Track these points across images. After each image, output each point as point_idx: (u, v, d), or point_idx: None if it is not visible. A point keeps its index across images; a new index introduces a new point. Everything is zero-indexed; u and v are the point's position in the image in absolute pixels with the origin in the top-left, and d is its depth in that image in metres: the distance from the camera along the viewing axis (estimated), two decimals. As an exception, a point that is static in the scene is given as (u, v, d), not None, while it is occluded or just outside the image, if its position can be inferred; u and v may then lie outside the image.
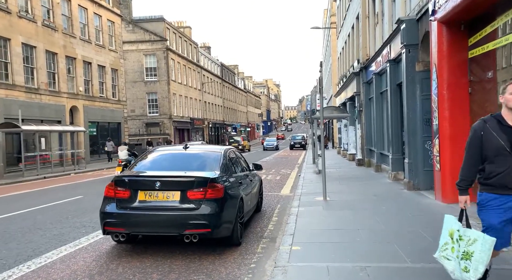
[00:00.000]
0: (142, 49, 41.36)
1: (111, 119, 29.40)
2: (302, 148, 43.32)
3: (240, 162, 6.99)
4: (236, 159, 6.77)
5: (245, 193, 6.23)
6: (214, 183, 5.03)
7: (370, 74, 15.82)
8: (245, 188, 6.29)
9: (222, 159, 5.76)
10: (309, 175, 14.65)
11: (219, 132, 60.19)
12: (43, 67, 21.78)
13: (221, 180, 5.23)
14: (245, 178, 6.59)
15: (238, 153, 7.26)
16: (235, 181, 5.83)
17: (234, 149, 7.07)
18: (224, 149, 6.27)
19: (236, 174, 6.14)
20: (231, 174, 5.86)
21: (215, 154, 5.90)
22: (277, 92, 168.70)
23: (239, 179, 6.10)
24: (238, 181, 5.96)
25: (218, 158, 5.75)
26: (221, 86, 64.34)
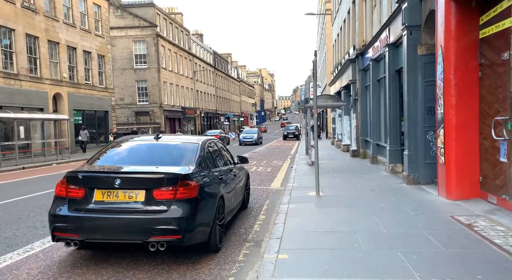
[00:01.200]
0: (131, 35, 40.04)
1: (98, 108, 28.34)
2: (296, 138, 42.62)
3: (223, 154, 6.19)
4: (218, 151, 5.98)
5: (227, 190, 5.46)
6: (187, 180, 4.23)
7: (367, 61, 15.02)
8: (227, 184, 5.51)
9: (199, 151, 4.95)
10: (302, 167, 13.92)
11: (211, 122, 59.22)
12: (23, 52, 20.64)
13: (195, 176, 4.43)
14: (227, 173, 5.80)
15: (221, 144, 6.46)
16: (215, 177, 5.04)
17: (216, 140, 6.26)
18: (203, 139, 5.46)
19: (216, 169, 5.35)
20: (210, 168, 5.06)
21: (191, 146, 5.08)
22: (271, 82, 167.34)
23: (220, 174, 5.31)
24: (218, 177, 5.17)
25: (194, 150, 4.93)
26: (214, 75, 63.12)
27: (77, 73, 25.83)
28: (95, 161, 4.78)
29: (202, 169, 4.79)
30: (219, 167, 5.56)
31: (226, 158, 6.35)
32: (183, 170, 4.39)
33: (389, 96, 11.11)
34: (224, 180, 5.39)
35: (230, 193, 5.66)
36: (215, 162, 5.47)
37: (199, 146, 5.07)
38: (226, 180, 5.53)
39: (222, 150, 6.32)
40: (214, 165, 5.37)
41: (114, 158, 4.90)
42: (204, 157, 5.03)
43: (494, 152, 6.39)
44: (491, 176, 6.52)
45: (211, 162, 5.28)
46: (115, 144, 5.26)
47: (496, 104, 6.36)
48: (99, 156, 4.91)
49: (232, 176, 5.96)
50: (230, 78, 75.64)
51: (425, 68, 8.73)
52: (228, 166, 6.10)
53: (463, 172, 6.90)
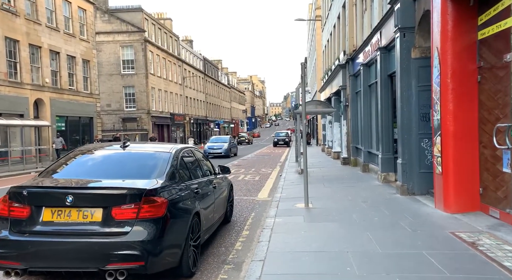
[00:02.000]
0: (119, 40, 39.33)
1: (82, 114, 27.49)
2: (286, 145, 42.20)
3: (201, 164, 5.61)
4: (195, 161, 5.40)
5: (205, 205, 4.87)
6: (152, 195, 3.64)
7: (357, 66, 14.63)
8: (205, 198, 4.93)
9: (171, 162, 4.36)
10: (291, 175, 13.37)
11: (201, 129, 58.52)
12: (2, 56, 19.84)
13: (164, 191, 3.84)
14: (206, 185, 5.22)
15: (199, 153, 5.88)
16: (190, 191, 4.45)
17: (193, 148, 5.67)
18: (177, 148, 4.87)
19: (193, 181, 4.77)
20: (184, 181, 4.48)
21: (163, 155, 4.48)
22: (262, 89, 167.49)
23: (197, 188, 4.73)
24: (194, 190, 4.58)
25: (165, 161, 4.33)
26: (204, 81, 62.55)
27: (61, 78, 25.02)
28: (48, 174, 4.14)
29: (174, 182, 4.19)
30: (196, 178, 4.98)
31: (205, 168, 5.77)
32: (149, 184, 3.79)
33: (381, 102, 10.67)
34: (202, 194, 4.81)
35: (209, 208, 5.07)
36: (191, 173, 4.89)
37: (171, 156, 4.48)
38: (204, 194, 4.95)
39: (201, 159, 5.73)
40: (190, 176, 4.79)
41: (71, 169, 4.27)
42: (178, 167, 4.44)
43: (495, 161, 5.93)
44: (492, 188, 6.05)
45: (186, 173, 4.69)
46: (76, 153, 4.62)
47: (497, 110, 5.92)
48: (55, 168, 4.27)
49: (211, 188, 5.38)
50: (221, 84, 75.15)
51: (419, 72, 8.30)
52: (207, 177, 5.52)
53: (462, 183, 6.42)
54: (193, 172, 5.06)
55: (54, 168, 4.25)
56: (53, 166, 4.35)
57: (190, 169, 4.92)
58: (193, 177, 4.90)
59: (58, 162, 4.42)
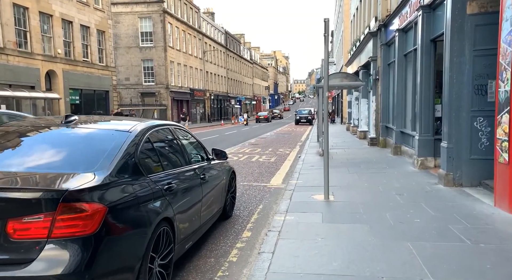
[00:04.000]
0: (137, 11, 37.96)
1: (97, 87, 26.63)
2: (309, 123, 40.47)
3: (183, 149, 4.17)
4: (172, 145, 4.03)
5: (184, 205, 3.53)
6: (78, 201, 2.30)
7: (391, 33, 12.72)
8: (184, 196, 3.57)
9: (126, 147, 2.97)
10: (311, 157, 11.91)
11: (222, 105, 57.26)
12: (10, 23, 18.87)
13: (103, 193, 2.48)
14: (189, 178, 3.86)
15: (183, 133, 4.50)
16: (155, 189, 3.07)
17: (174, 126, 4.23)
18: (144, 126, 3.43)
19: (163, 173, 3.39)
20: (148, 174, 3.10)
21: (116, 137, 3.09)
22: (285, 65, 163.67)
23: (169, 183, 3.32)
24: (163, 188, 3.20)
25: (117, 146, 2.94)
26: (225, 56, 60.75)
27: (74, 49, 24.05)
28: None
29: (128, 176, 2.83)
30: (173, 168, 3.61)
31: (191, 153, 4.40)
32: (77, 181, 2.45)
33: (421, 72, 8.91)
34: (179, 190, 3.44)
35: (192, 208, 3.74)
36: (164, 161, 3.52)
37: (129, 138, 3.08)
38: (184, 189, 3.59)
39: (184, 142, 4.34)
40: (162, 166, 3.42)
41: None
42: (138, 155, 3.06)
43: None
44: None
45: (153, 162, 3.33)
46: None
47: None
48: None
49: (198, 181, 4.02)
50: (243, 59, 73.09)
51: (476, 33, 6.54)
52: (193, 165, 4.15)
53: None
54: (168, 159, 3.71)
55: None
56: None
57: (162, 156, 3.56)
58: (168, 166, 3.54)
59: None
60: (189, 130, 4.72)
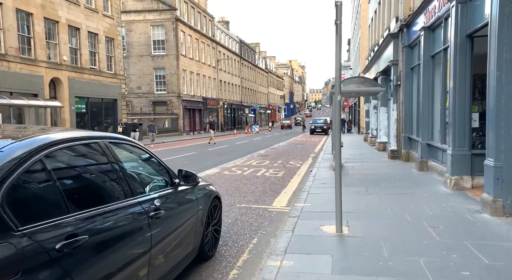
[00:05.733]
0: (150, 19, 37.53)
1: (105, 95, 25.90)
2: (324, 132, 38.95)
3: (124, 173, 2.81)
4: (101, 168, 2.71)
5: (104, 271, 2.23)
6: None
7: (415, 34, 11.33)
8: (109, 253, 2.29)
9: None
10: (323, 172, 10.52)
11: (235, 114, 56.27)
12: (13, 29, 18.27)
13: None
14: (127, 220, 2.56)
15: (128, 148, 3.22)
16: (34, 252, 1.79)
17: (112, 139, 2.90)
18: (43, 141, 2.18)
19: (74, 217, 2.11)
20: (24, 224, 1.81)
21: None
22: (301, 74, 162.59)
23: (75, 235, 2.02)
24: (52, 249, 1.87)
25: None
26: (240, 65, 59.99)
27: (81, 56, 23.41)
28: None
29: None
30: (90, 207, 2.28)
31: (138, 179, 3.12)
32: None
33: (454, 75, 7.49)
34: (92, 246, 2.09)
35: (128, 267, 2.44)
36: (69, 199, 2.16)
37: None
38: (111, 241, 2.30)
39: (127, 162, 3.04)
40: (66, 206, 2.10)
41: None
42: (3, 194, 1.79)
43: None
44: None
45: (48, 201, 2.06)
46: None
47: None
48: None
49: (145, 222, 2.70)
50: (257, 68, 72.24)
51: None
52: (138, 197, 2.81)
53: None
54: (84, 194, 2.44)
55: None
56: None
57: (70, 190, 2.28)
58: (81, 205, 2.25)
59: None
60: (143, 146, 3.40)
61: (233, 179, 9.84)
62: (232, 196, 7.77)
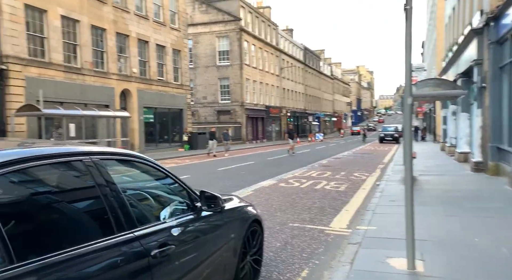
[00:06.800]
0: (215, 31, 38.47)
1: (171, 105, 26.78)
2: (395, 141, 36.35)
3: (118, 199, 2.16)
4: (83, 193, 2.16)
5: None
6: None
7: (505, 27, 9.69)
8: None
9: None
10: (393, 186, 9.31)
11: (299, 122, 55.32)
12: (88, 45, 19.58)
13: None
14: (105, 268, 1.93)
15: (129, 165, 2.64)
16: None
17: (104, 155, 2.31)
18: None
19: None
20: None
21: None
22: (370, 80, 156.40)
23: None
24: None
25: None
26: (304, 72, 59.12)
27: (149, 68, 24.47)
28: None
29: None
30: (54, 251, 1.70)
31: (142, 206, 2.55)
32: None
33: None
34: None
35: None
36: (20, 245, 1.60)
37: None
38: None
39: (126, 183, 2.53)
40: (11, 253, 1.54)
41: None
42: None
43: None
44: None
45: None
46: None
47: None
48: None
49: (144, 261, 2.10)
50: (322, 75, 70.66)
51: None
52: (136, 230, 2.17)
53: None
54: (50, 234, 1.86)
55: None
56: None
57: (14, 229, 1.71)
58: (40, 249, 1.69)
59: None
60: (154, 162, 2.75)
61: (289, 192, 9.09)
62: (285, 212, 7.02)
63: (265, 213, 6.92)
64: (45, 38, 17.28)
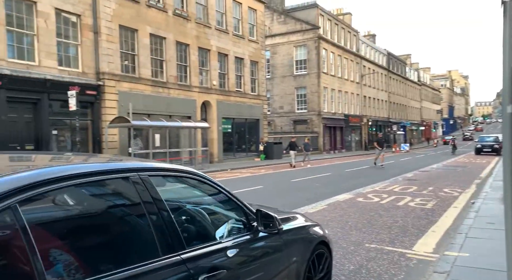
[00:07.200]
0: (293, 40, 38.53)
1: (248, 116, 27.29)
2: (495, 153, 32.28)
3: (156, 219, 1.96)
4: (115, 216, 2.02)
5: None
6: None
7: None
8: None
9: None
10: (491, 206, 8.07)
11: (381, 131, 52.37)
12: (173, 60, 20.91)
13: None
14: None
15: (176, 179, 2.45)
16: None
17: (145, 170, 2.09)
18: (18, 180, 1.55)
19: None
20: None
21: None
22: (464, 85, 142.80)
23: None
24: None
25: None
26: (387, 79, 56.10)
27: (228, 80, 25.29)
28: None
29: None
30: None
31: (191, 227, 2.39)
32: None
33: None
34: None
35: None
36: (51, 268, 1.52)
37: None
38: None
39: (157, 203, 2.07)
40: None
41: None
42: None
43: None
44: None
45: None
46: None
47: None
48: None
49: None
50: (408, 81, 66.31)
51: None
52: (178, 253, 1.96)
53: None
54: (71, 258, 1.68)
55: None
56: None
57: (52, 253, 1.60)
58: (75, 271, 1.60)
59: None
60: (209, 177, 2.53)
61: (367, 208, 8.40)
62: (361, 231, 6.44)
63: (339, 230, 6.43)
64: (135, 55, 18.87)
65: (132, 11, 18.55)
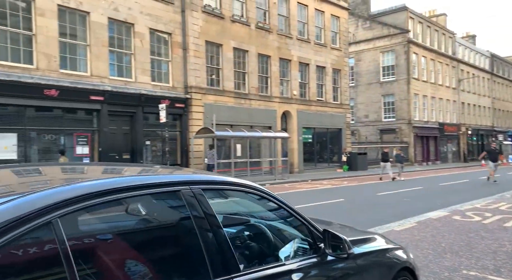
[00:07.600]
0: (379, 46, 36.71)
1: (330, 125, 26.50)
2: None
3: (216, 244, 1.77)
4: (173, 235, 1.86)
5: None
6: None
7: None
8: None
9: None
10: None
11: (484, 141, 46.77)
12: (255, 71, 21.32)
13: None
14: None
15: (235, 193, 2.19)
16: None
17: (205, 183, 1.92)
18: (62, 193, 1.46)
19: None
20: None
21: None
22: None
23: None
24: None
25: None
26: (490, 83, 50.14)
27: (309, 90, 24.93)
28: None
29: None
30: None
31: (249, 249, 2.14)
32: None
33: None
34: None
35: None
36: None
37: None
38: None
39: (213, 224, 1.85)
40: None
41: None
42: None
43: None
44: None
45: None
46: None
47: None
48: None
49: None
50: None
51: None
52: (235, 275, 1.75)
53: None
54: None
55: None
56: None
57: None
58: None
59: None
60: (270, 192, 2.22)
61: (465, 229, 7.33)
62: (458, 254, 5.57)
63: (430, 252, 5.66)
64: (220, 68, 19.66)
65: (218, 27, 19.40)
